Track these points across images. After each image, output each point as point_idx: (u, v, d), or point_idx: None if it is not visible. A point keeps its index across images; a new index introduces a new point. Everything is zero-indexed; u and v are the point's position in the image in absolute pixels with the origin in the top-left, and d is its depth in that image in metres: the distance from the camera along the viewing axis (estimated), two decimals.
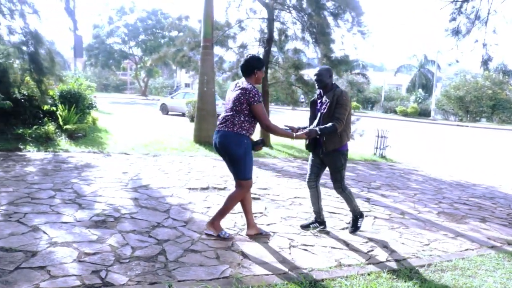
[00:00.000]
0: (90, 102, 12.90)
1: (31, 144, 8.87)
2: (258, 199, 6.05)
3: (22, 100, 10.25)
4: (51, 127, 9.72)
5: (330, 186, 7.21)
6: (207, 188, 6.44)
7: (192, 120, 16.63)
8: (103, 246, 3.87)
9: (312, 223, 4.99)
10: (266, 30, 12.46)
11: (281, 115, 24.51)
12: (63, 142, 9.50)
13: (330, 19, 11.64)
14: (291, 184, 7.31)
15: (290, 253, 4.15)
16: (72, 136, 9.96)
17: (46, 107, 10.64)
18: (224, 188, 6.48)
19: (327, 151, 4.67)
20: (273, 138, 12.60)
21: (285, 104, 33.78)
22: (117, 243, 3.98)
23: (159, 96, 50.04)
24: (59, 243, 3.88)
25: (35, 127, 9.60)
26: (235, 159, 4.20)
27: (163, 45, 41.97)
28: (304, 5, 11.83)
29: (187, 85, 56.62)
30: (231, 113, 4.20)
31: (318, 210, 4.94)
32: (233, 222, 4.95)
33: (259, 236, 4.53)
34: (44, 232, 4.11)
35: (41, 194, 5.44)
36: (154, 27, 48.38)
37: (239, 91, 4.16)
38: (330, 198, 6.49)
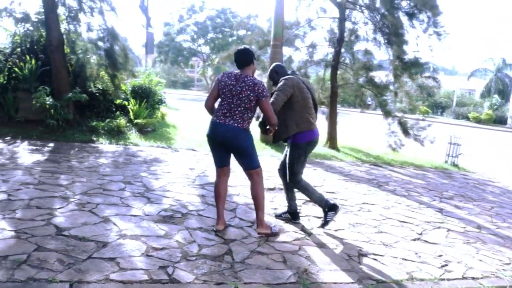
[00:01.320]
0: (160, 97, 13.21)
1: (103, 137, 9.20)
2: None
3: (97, 94, 10.66)
4: (122, 120, 10.04)
5: (399, 194, 6.97)
6: (273, 189, 6.37)
7: (257, 119, 16.65)
8: (170, 242, 3.89)
9: (326, 214, 4.81)
10: (336, 30, 12.23)
11: (347, 118, 24.06)
12: (133, 135, 9.78)
13: (404, 19, 11.23)
14: (359, 189, 7.10)
15: (359, 262, 3.99)
16: (142, 130, 10.24)
17: (118, 101, 11.02)
18: None
19: (276, 142, 4.72)
20: (341, 141, 12.36)
21: (351, 106, 33.27)
22: (184, 239, 3.99)
23: None
24: (128, 235, 3.95)
25: (107, 120, 9.97)
26: (248, 152, 4.29)
27: (231, 44, 42.49)
28: (378, 5, 11.50)
29: None
30: (240, 108, 4.16)
31: (321, 198, 4.80)
32: (300, 225, 4.84)
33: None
34: (115, 224, 4.20)
35: (112, 186, 5.60)
36: (223, 26, 49.03)
37: (249, 87, 4.11)
38: (400, 206, 6.24)
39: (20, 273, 3.07)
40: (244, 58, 4.25)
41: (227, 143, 4.22)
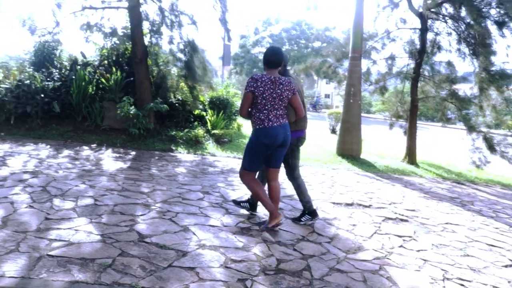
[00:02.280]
0: (237, 109, 13.38)
1: (182, 146, 9.45)
2: (406, 221, 5.65)
3: (177, 105, 11.00)
4: (200, 131, 10.27)
5: (486, 214, 6.53)
6: (351, 204, 6.20)
7: (333, 132, 16.44)
8: (249, 255, 3.87)
9: (303, 215, 5.03)
10: (417, 41, 11.82)
11: (426, 132, 23.16)
12: (210, 146, 9.97)
13: (492, 29, 10.62)
14: (442, 208, 6.74)
15: (444, 286, 3.75)
16: (219, 141, 10.41)
17: (197, 111, 11.30)
18: (369, 206, 6.18)
19: None
20: (420, 156, 11.87)
21: (429, 119, 32.02)
22: (262, 253, 3.95)
23: None
24: (207, 246, 3.97)
25: (186, 130, 10.23)
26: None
27: (306, 56, 42.42)
28: (463, 14, 10.97)
29: (327, 96, 56.55)
30: (283, 108, 4.38)
31: (307, 200, 4.99)
32: (381, 244, 4.66)
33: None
34: (194, 234, 4.25)
35: (191, 195, 5.70)
36: (298, 38, 49.11)
37: (286, 87, 4.32)
38: (488, 228, 5.84)
39: (106, 276, 3.17)
40: (278, 59, 4.36)
41: (286, 142, 4.45)
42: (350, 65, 10.87)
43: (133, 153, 8.64)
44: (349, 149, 10.54)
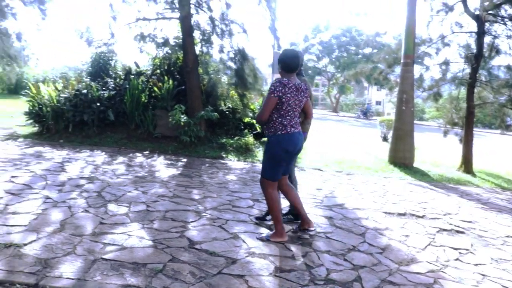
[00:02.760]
0: None
1: (232, 153, 9.52)
2: (462, 232, 5.42)
3: (227, 112, 11.10)
4: (250, 138, 10.30)
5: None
6: (404, 214, 6.01)
7: (384, 139, 16.10)
8: (298, 264, 3.82)
9: (286, 214, 5.11)
10: (473, 45, 11.39)
11: (483, 140, 22.27)
12: (260, 153, 9.98)
13: None
14: (501, 220, 6.42)
15: None
16: None
17: (247, 119, 11.35)
18: (423, 216, 5.97)
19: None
20: (477, 165, 11.40)
21: (486, 127, 30.79)
22: (312, 262, 3.89)
23: (349, 113, 50.08)
24: (257, 254, 3.95)
25: (236, 138, 10.31)
26: None
27: (356, 62, 41.90)
28: None
29: (378, 103, 55.63)
30: (299, 114, 4.41)
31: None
32: (435, 256, 4.48)
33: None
34: (243, 241, 4.24)
35: (241, 202, 5.71)
36: (348, 44, 48.58)
37: (305, 93, 4.32)
38: None
39: (156, 281, 3.21)
40: (297, 63, 4.26)
41: (301, 148, 4.50)
42: (402, 71, 10.61)
43: (184, 160, 8.78)
44: (402, 157, 10.26)
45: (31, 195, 5.45)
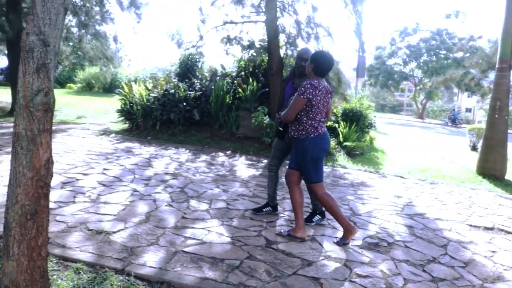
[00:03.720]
0: (370, 121, 13.11)
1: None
2: None
3: None
4: (332, 142, 10.23)
5: None
6: (492, 229, 5.66)
7: (473, 149, 15.28)
8: (375, 271, 3.74)
9: (265, 206, 5.10)
10: None
11: None
12: (341, 158, 9.87)
13: None
14: None
15: None
16: (350, 153, 10.27)
17: (329, 123, 11.26)
18: None
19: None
20: None
21: None
22: (389, 270, 3.80)
23: (436, 119, 48.03)
24: (333, 258, 3.93)
25: None
26: None
27: (445, 67, 40.14)
28: None
29: (467, 110, 52.83)
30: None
31: (272, 194, 5.09)
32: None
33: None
34: (320, 244, 4.24)
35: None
36: (438, 48, 46.55)
37: (332, 96, 4.35)
38: None
39: (233, 277, 3.30)
40: (331, 67, 4.27)
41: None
42: (497, 77, 9.99)
43: (265, 161, 8.89)
44: (492, 168, 9.67)
45: (121, 187, 5.81)
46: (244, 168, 7.97)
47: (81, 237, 3.92)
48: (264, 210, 5.10)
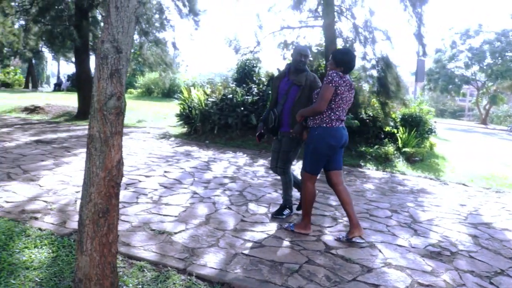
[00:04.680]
0: (430, 127, 12.73)
1: (370, 163, 9.35)
2: None
3: (367, 121, 10.94)
4: (390, 148, 10.04)
5: None
6: None
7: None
8: (437, 281, 3.65)
9: (283, 209, 5.07)
10: None
11: None
12: (400, 164, 9.66)
13: None
14: None
15: None
16: (409, 159, 10.03)
17: (387, 128, 11.08)
18: None
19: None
20: None
21: None
22: (452, 281, 3.69)
23: (501, 125, 45.92)
24: (393, 265, 3.87)
25: (376, 146, 10.11)
26: None
27: None
28: None
29: None
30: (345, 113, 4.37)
31: (285, 196, 5.08)
32: None
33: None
34: (380, 251, 4.18)
35: (379, 212, 5.61)
36: (503, 50, 44.35)
37: (353, 92, 4.34)
38: None
39: (292, 280, 3.33)
40: (355, 64, 4.39)
41: (347, 142, 4.43)
42: None
43: None
44: None
45: (181, 189, 5.98)
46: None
47: (144, 236, 4.08)
48: (284, 213, 5.08)
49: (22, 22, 19.07)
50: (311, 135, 4.30)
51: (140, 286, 3.08)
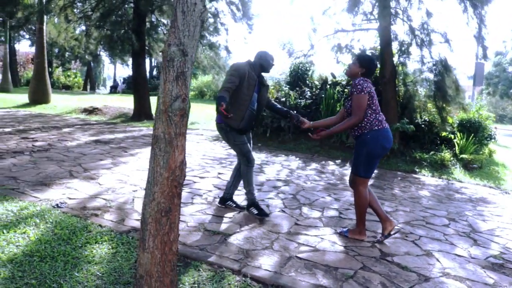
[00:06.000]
0: (490, 133, 12.24)
1: (426, 169, 9.11)
2: None
3: (423, 126, 10.67)
4: (447, 154, 9.74)
5: None
6: None
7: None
8: None
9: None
10: None
11: None
12: (457, 171, 9.36)
13: None
14: None
15: None
16: (467, 167, 9.70)
17: (444, 134, 10.76)
18: None
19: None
20: None
21: None
22: None
23: None
24: (452, 275, 3.75)
25: (431, 152, 9.84)
26: None
27: None
28: None
29: None
30: None
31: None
32: None
33: None
34: (437, 260, 4.06)
35: (435, 220, 5.45)
36: None
37: None
38: None
39: (347, 286, 3.30)
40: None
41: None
42: None
43: (375, 171, 8.71)
44: None
45: (235, 191, 6.03)
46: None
47: (200, 236, 4.15)
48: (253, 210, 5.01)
49: (83, 28, 19.91)
50: (363, 139, 4.26)
51: (196, 285, 3.13)
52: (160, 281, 2.53)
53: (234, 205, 5.22)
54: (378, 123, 4.21)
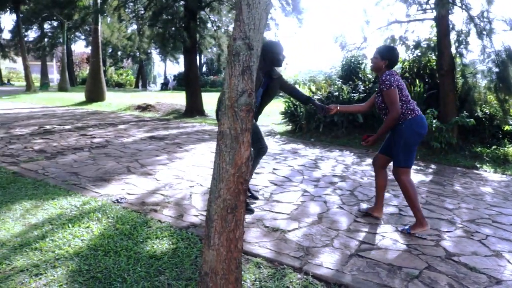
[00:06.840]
0: None
1: (487, 164, 8.71)
2: None
3: (483, 119, 10.22)
4: (510, 149, 9.28)
5: None
6: None
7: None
8: None
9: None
10: None
11: None
12: None
13: None
14: None
15: None
16: None
17: (506, 127, 10.25)
18: None
19: None
20: None
21: None
22: None
23: None
24: None
25: (493, 147, 9.41)
26: None
27: None
28: None
29: None
30: None
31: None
32: None
33: None
34: (508, 261, 3.85)
35: (503, 218, 5.18)
36: None
37: None
38: None
39: (413, 287, 3.18)
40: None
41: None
42: None
43: (434, 167, 8.42)
44: None
45: (291, 187, 6.00)
46: (412, 173, 7.61)
47: (259, 233, 4.13)
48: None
49: (134, 27, 20.41)
50: (399, 129, 4.34)
51: (258, 282, 3.11)
52: (225, 279, 2.51)
53: (249, 194, 5.23)
54: (410, 112, 4.31)
